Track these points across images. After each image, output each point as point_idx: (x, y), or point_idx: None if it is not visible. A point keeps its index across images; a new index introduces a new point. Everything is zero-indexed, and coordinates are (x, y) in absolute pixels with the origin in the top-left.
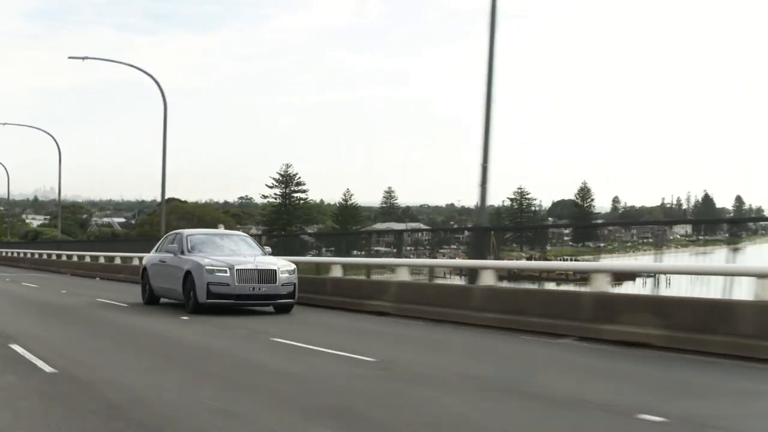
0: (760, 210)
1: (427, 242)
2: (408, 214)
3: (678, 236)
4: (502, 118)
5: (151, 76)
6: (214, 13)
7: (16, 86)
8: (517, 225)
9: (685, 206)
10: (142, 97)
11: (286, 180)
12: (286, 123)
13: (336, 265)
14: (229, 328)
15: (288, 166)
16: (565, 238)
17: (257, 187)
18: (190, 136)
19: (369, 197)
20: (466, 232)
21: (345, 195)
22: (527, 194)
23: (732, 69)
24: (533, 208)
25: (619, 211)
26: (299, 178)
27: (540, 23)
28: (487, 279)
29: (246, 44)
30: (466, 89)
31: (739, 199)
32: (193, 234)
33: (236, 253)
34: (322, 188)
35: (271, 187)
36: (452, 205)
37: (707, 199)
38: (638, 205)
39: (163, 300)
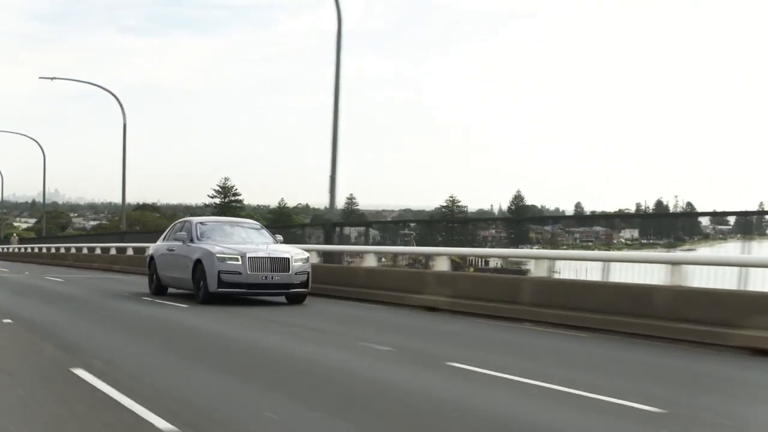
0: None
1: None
2: (362, 218)
3: (623, 240)
4: (502, 119)
5: None
6: (219, 16)
7: (19, 87)
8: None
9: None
10: (149, 99)
11: (225, 191)
12: (288, 125)
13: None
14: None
15: (226, 179)
16: (504, 240)
17: (252, 190)
18: (192, 137)
19: (365, 200)
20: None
21: (279, 202)
22: (458, 202)
23: (721, 74)
24: (463, 214)
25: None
26: (235, 189)
27: (541, 25)
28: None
29: (250, 47)
30: (467, 92)
31: (690, 206)
32: (203, 221)
33: (247, 241)
34: (318, 189)
35: (212, 197)
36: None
37: (660, 206)
38: (599, 210)
39: (171, 290)
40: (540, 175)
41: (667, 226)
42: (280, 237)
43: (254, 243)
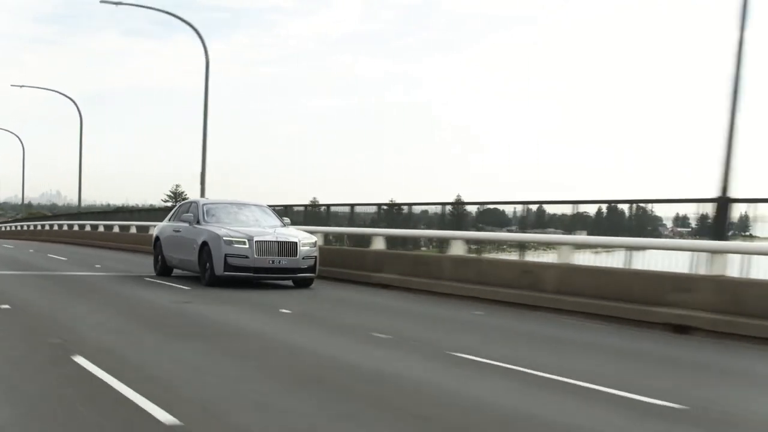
0: (685, 219)
1: None
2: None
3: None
4: (500, 119)
5: None
6: (221, 19)
7: (22, 87)
8: None
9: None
10: (150, 100)
11: (176, 196)
12: (290, 128)
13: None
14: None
15: (177, 186)
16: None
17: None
18: (193, 140)
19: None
20: None
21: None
22: (395, 202)
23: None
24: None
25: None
26: (186, 194)
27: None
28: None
29: (252, 50)
30: (469, 95)
31: (640, 208)
32: (209, 203)
33: (255, 224)
34: (313, 192)
35: (165, 201)
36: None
37: (611, 208)
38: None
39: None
40: (537, 177)
41: (619, 227)
42: (287, 220)
43: (261, 226)
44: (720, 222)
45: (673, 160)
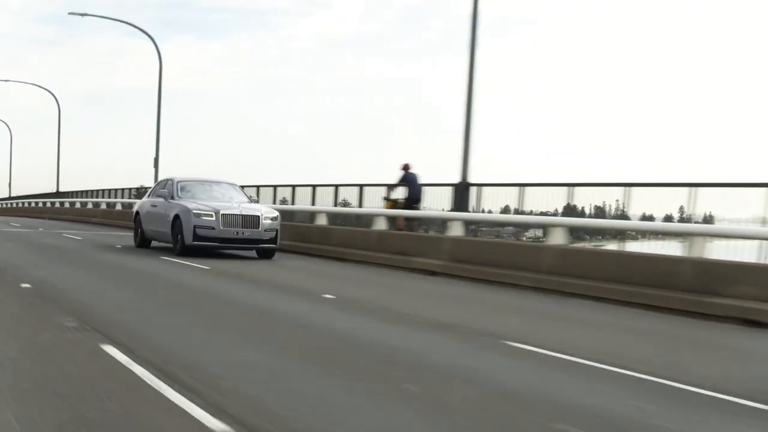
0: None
1: None
2: None
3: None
4: (498, 121)
5: None
6: (222, 19)
7: (24, 88)
8: None
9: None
10: (151, 101)
11: (142, 194)
12: (290, 128)
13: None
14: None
15: (142, 185)
16: None
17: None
18: (194, 141)
19: None
20: None
21: None
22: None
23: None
24: None
25: None
26: None
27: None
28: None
29: (253, 51)
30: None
31: (599, 208)
32: (183, 180)
33: (223, 199)
34: None
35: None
36: None
37: (573, 208)
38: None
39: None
40: (537, 177)
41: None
42: (255, 197)
43: (230, 201)
44: None
45: (673, 161)
